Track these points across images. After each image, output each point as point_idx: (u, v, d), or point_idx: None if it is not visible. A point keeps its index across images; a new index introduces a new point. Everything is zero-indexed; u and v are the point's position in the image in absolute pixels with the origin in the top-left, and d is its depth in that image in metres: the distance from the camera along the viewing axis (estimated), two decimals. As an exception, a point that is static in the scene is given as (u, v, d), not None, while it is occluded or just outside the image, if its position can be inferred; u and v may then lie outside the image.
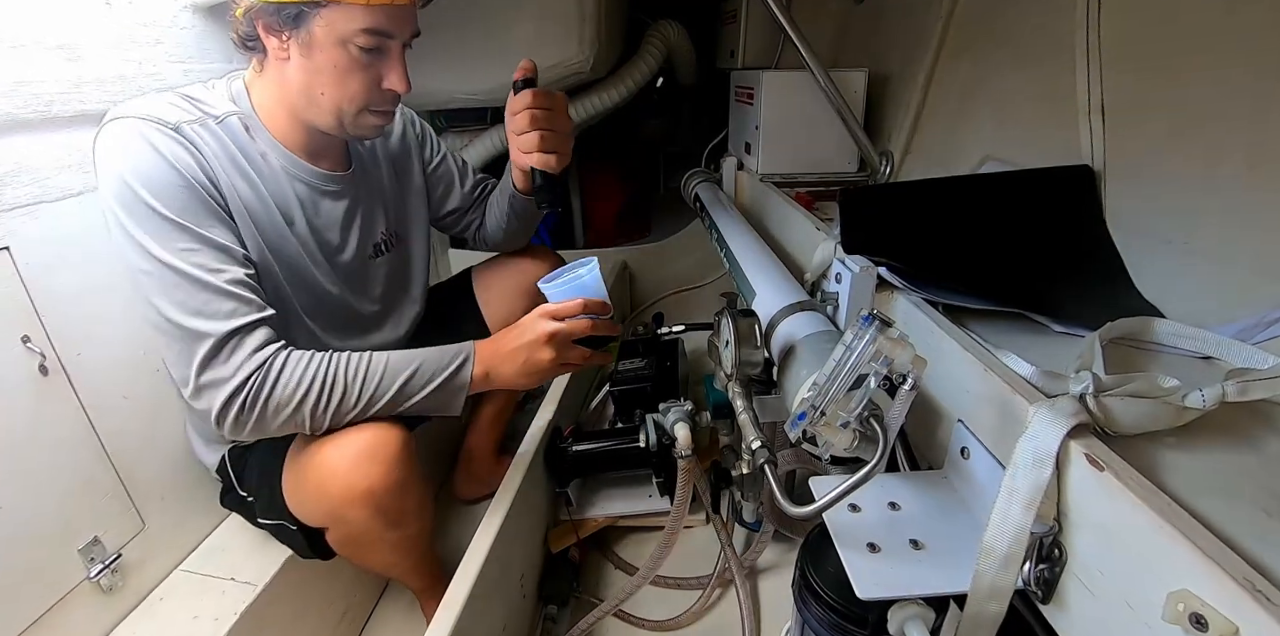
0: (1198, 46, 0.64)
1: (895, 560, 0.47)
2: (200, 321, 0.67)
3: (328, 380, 0.70)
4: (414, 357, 0.74)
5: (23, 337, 0.78)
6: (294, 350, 0.71)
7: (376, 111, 0.81)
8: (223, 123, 0.78)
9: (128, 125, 0.71)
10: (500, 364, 0.76)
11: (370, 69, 0.77)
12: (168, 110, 0.74)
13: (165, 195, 0.69)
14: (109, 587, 0.87)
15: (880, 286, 0.66)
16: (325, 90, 0.78)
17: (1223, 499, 0.36)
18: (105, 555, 0.87)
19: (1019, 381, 0.46)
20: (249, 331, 0.69)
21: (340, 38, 0.74)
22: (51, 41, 0.83)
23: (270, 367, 0.69)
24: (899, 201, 0.76)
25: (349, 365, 0.72)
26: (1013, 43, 0.91)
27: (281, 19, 0.73)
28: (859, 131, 1.14)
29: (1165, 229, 0.65)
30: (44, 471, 0.81)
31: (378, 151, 0.96)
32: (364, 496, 0.73)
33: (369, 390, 0.72)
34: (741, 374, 0.70)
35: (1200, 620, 0.30)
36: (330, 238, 0.87)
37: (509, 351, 0.76)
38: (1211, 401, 0.41)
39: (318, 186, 0.85)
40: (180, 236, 0.69)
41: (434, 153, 1.05)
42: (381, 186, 0.96)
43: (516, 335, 0.76)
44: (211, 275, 0.69)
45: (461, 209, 1.08)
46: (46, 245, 0.82)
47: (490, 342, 0.78)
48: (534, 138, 0.81)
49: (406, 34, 0.78)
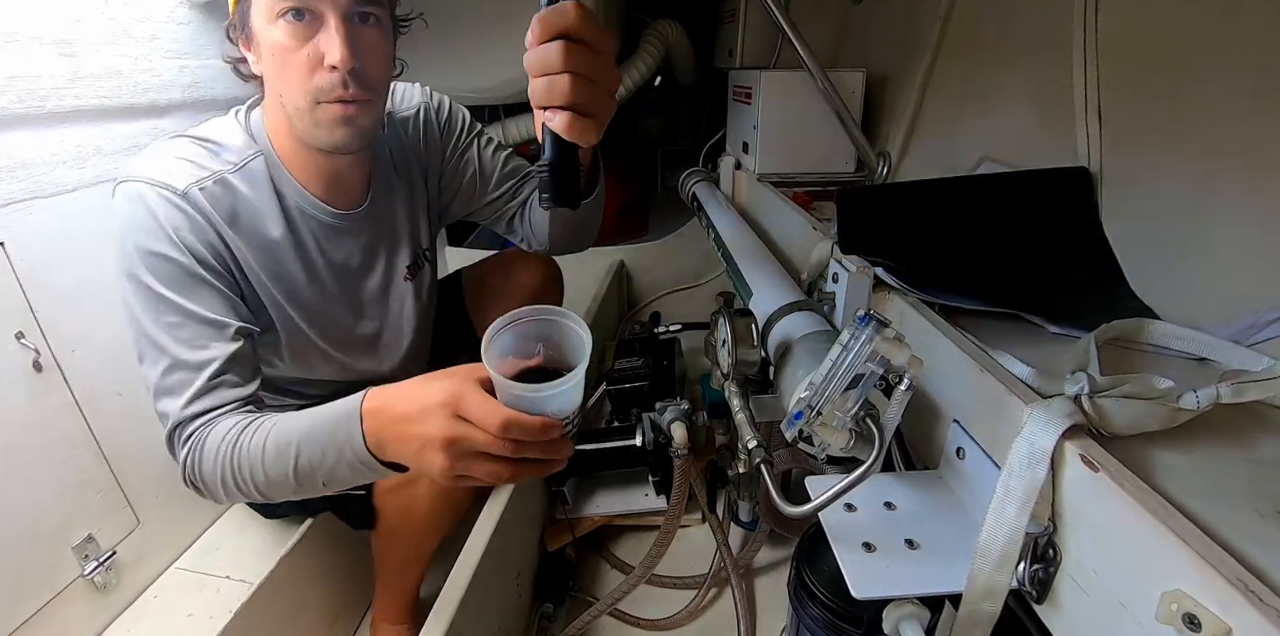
0: (1196, 48, 0.64)
1: (890, 560, 0.48)
2: (168, 401, 0.67)
3: (233, 464, 0.63)
4: (294, 432, 0.61)
5: (17, 334, 0.78)
6: (214, 428, 0.64)
7: (331, 101, 0.70)
8: (242, 169, 0.74)
9: (134, 191, 0.69)
10: (392, 442, 0.56)
11: (306, 47, 0.68)
12: (179, 170, 0.71)
13: (159, 269, 0.68)
14: (103, 585, 0.87)
15: (877, 286, 0.66)
16: (280, 89, 0.71)
17: (1217, 500, 0.36)
18: (99, 552, 0.87)
19: (1014, 382, 0.47)
20: (200, 417, 0.66)
21: (267, 14, 0.67)
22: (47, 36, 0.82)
23: (198, 454, 0.64)
24: (896, 202, 0.76)
25: (249, 444, 0.62)
26: (1010, 44, 0.91)
27: (241, 23, 0.70)
28: (856, 132, 1.15)
29: (1161, 231, 0.65)
30: (38, 469, 0.81)
31: (394, 162, 0.89)
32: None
33: (269, 470, 0.61)
34: (738, 373, 0.70)
35: (1193, 620, 0.31)
36: (353, 277, 0.85)
37: (399, 433, 0.55)
38: (1206, 403, 0.42)
39: (334, 225, 0.82)
40: (167, 310, 0.67)
41: (463, 137, 0.95)
42: (409, 204, 0.90)
43: (414, 413, 0.54)
44: (192, 351, 0.67)
45: (496, 200, 0.97)
46: (41, 241, 0.82)
47: (384, 409, 0.57)
48: (562, 83, 0.47)
49: (339, 1, 0.68)
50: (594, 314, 1.50)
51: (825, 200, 1.16)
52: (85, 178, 0.89)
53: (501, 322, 0.53)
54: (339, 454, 0.58)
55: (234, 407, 0.67)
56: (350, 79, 0.69)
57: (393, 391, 0.57)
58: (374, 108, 0.75)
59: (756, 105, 1.23)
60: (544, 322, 0.54)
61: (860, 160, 1.22)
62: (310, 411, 0.62)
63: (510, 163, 0.98)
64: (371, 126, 0.76)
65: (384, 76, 0.76)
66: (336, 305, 0.85)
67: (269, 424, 0.63)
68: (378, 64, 0.73)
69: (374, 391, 0.58)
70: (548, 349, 0.55)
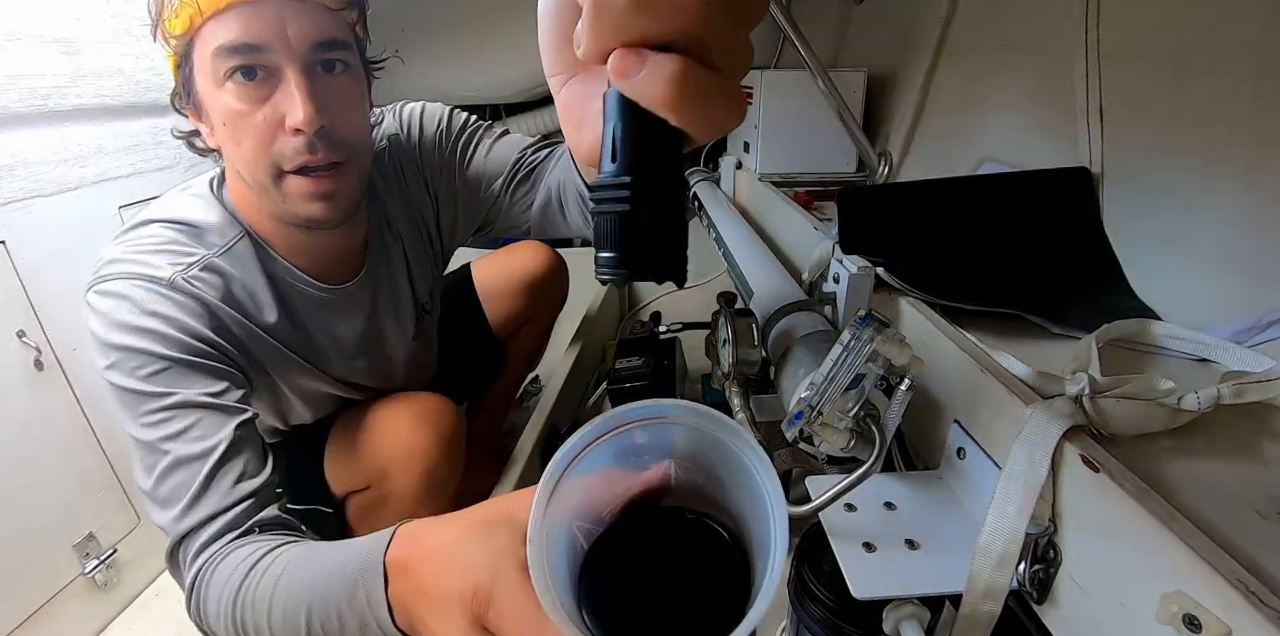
0: (1198, 48, 0.64)
1: (891, 560, 0.47)
2: (166, 512, 0.57)
3: (238, 620, 0.50)
4: (303, 585, 0.46)
5: (18, 332, 0.78)
6: (224, 562, 0.53)
7: (296, 172, 0.60)
8: (228, 252, 0.66)
9: (112, 288, 0.61)
10: (421, 618, 0.40)
11: (263, 109, 0.57)
12: (160, 260, 0.62)
13: (144, 364, 0.59)
14: (104, 583, 0.87)
15: (878, 286, 0.66)
16: (236, 162, 0.61)
17: (1218, 500, 0.36)
18: (100, 551, 0.87)
19: (1015, 382, 0.47)
20: (206, 527, 0.56)
21: (213, 77, 0.57)
22: (49, 35, 0.82)
23: (203, 592, 0.53)
24: (897, 202, 0.76)
25: (255, 593, 0.49)
26: (1012, 44, 0.91)
27: (185, 91, 0.61)
28: (858, 131, 1.15)
29: (1163, 231, 0.65)
30: (39, 467, 0.81)
31: (386, 214, 0.78)
32: (421, 456, 0.73)
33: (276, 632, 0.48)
34: (738, 373, 0.70)
35: (1194, 621, 0.31)
36: (356, 350, 0.79)
37: (421, 611, 0.40)
38: (1207, 403, 0.42)
39: (332, 301, 0.74)
40: (155, 406, 0.59)
41: (451, 150, 0.82)
42: (410, 257, 0.81)
43: (435, 597, 0.38)
44: (188, 445, 0.57)
45: (502, 192, 0.83)
46: (42, 239, 0.82)
47: (411, 568, 0.41)
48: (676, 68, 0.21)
49: (300, 47, 0.56)
50: (595, 313, 1.51)
51: (826, 200, 1.16)
52: (87, 176, 0.89)
53: (588, 432, 0.29)
54: (362, 624, 0.42)
55: (245, 512, 0.56)
56: (319, 141, 0.59)
57: (424, 542, 0.41)
58: (351, 171, 0.64)
59: (757, 105, 1.23)
60: (680, 432, 0.29)
61: (861, 160, 1.22)
62: (326, 552, 0.47)
63: (517, 146, 0.82)
64: (353, 193, 0.66)
65: (360, 131, 0.66)
66: (334, 373, 0.79)
67: (279, 566, 0.49)
68: (351, 118, 0.63)
69: (404, 533, 0.42)
70: (685, 472, 0.31)
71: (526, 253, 1.11)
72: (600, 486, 0.29)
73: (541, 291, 1.14)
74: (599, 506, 0.28)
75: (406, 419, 0.74)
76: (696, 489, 0.30)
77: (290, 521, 0.60)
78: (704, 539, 0.27)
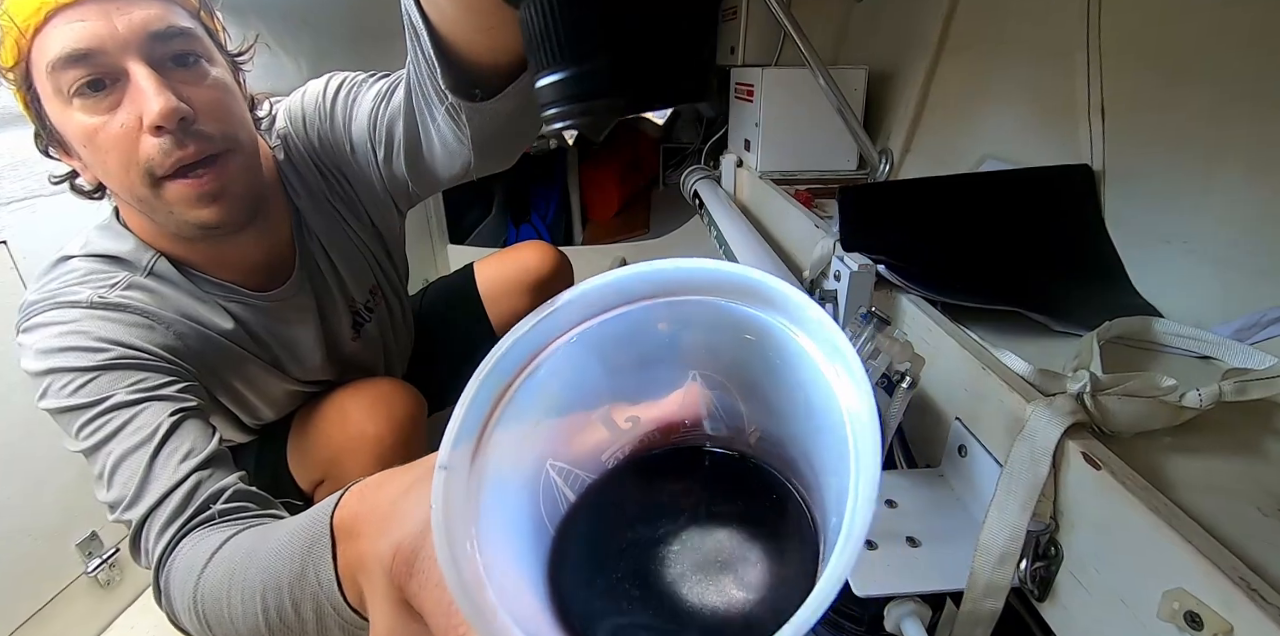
0: (1198, 46, 0.63)
1: (892, 557, 0.48)
2: (124, 510, 0.53)
3: (199, 615, 0.45)
4: (255, 569, 0.40)
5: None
6: (184, 552, 0.49)
7: (170, 177, 0.54)
8: (151, 273, 0.62)
9: (36, 322, 0.57)
10: None
11: (118, 115, 0.52)
12: (80, 289, 0.59)
13: (75, 379, 0.56)
14: (106, 582, 0.87)
15: (879, 284, 0.66)
16: (110, 182, 0.57)
17: (1219, 498, 0.37)
18: (103, 550, 0.87)
19: (1017, 380, 0.47)
20: (160, 507, 0.52)
21: (59, 99, 0.53)
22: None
23: (166, 586, 0.49)
24: (898, 199, 0.76)
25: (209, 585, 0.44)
26: (1013, 41, 0.91)
27: (44, 130, 0.57)
28: (859, 129, 1.14)
29: (1164, 229, 0.65)
30: (42, 466, 0.81)
31: (304, 208, 0.72)
32: (372, 442, 0.69)
33: (239, 625, 0.42)
34: (740, 371, 0.70)
35: (1195, 618, 0.31)
36: (314, 350, 0.75)
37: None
38: (1208, 401, 0.42)
39: (269, 310, 0.70)
40: (93, 412, 0.55)
41: (331, 120, 0.69)
42: (342, 246, 0.76)
43: (366, 555, 0.31)
44: (129, 436, 0.54)
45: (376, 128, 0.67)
46: (43, 239, 0.82)
47: (356, 529, 0.33)
48: None
49: (135, 39, 0.51)
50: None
51: (827, 198, 1.16)
52: (87, 176, 0.89)
53: (531, 319, 0.21)
54: (317, 608, 0.36)
55: (196, 486, 0.52)
56: (184, 136, 0.53)
57: (372, 498, 0.33)
58: (233, 164, 0.58)
59: (758, 103, 1.22)
60: (698, 318, 0.21)
61: (862, 158, 1.22)
62: (279, 528, 0.41)
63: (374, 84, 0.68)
64: (244, 191, 0.59)
65: (234, 120, 0.59)
66: (296, 374, 0.76)
67: (231, 551, 0.44)
68: (219, 107, 0.57)
69: (355, 489, 0.34)
70: (715, 387, 0.21)
71: (530, 252, 1.11)
72: (580, 422, 0.20)
73: (545, 291, 1.14)
74: (590, 445, 0.20)
75: (358, 405, 0.71)
76: (731, 413, 0.19)
77: (257, 494, 0.54)
78: (760, 495, 0.18)
